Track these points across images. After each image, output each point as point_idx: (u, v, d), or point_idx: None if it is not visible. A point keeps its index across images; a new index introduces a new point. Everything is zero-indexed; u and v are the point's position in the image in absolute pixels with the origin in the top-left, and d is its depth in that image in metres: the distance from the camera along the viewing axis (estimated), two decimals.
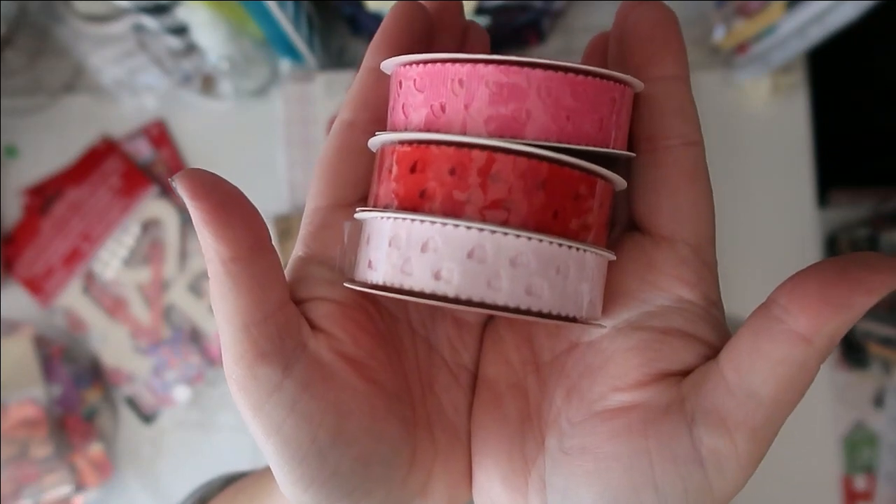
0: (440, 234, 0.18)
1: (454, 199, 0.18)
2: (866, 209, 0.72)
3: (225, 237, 0.20)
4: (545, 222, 0.18)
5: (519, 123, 0.18)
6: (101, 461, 0.64)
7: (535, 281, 0.18)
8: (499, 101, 0.18)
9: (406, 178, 0.19)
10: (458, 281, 0.18)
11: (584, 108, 0.18)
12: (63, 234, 0.67)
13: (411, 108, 0.20)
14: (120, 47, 0.67)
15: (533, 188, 0.18)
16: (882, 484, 0.70)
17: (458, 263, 0.18)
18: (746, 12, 0.61)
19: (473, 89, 0.18)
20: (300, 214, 0.61)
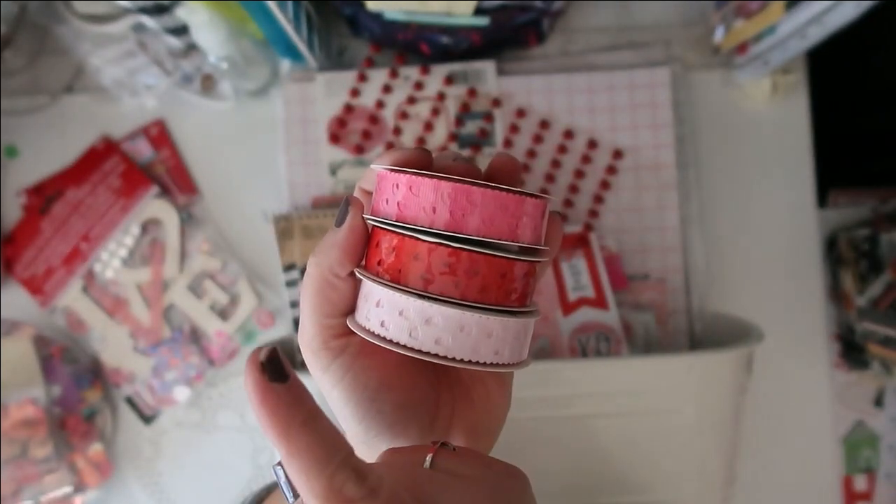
0: (400, 301, 0.26)
1: (419, 278, 0.26)
2: (866, 209, 0.72)
3: (347, 262, 0.28)
4: (474, 296, 0.26)
5: (462, 224, 0.26)
6: (101, 461, 0.64)
7: (441, 335, 0.26)
8: (459, 208, 0.26)
9: (392, 257, 0.27)
10: (421, 339, 0.26)
11: (504, 215, 0.26)
12: (63, 234, 0.67)
13: (395, 203, 0.27)
14: (120, 47, 0.67)
15: (471, 272, 0.26)
16: (882, 484, 0.70)
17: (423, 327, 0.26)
18: (746, 12, 0.61)
19: (445, 199, 0.26)
20: (300, 214, 0.61)
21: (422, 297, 0.25)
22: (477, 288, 0.26)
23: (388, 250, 0.27)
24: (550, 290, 0.62)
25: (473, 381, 0.31)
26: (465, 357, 0.26)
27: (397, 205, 0.26)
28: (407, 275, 0.26)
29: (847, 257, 0.68)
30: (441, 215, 0.25)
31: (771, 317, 0.59)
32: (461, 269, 0.26)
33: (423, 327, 0.26)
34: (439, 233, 0.26)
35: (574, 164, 0.66)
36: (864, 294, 0.65)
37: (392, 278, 0.26)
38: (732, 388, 0.53)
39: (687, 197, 0.66)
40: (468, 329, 0.26)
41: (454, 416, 0.30)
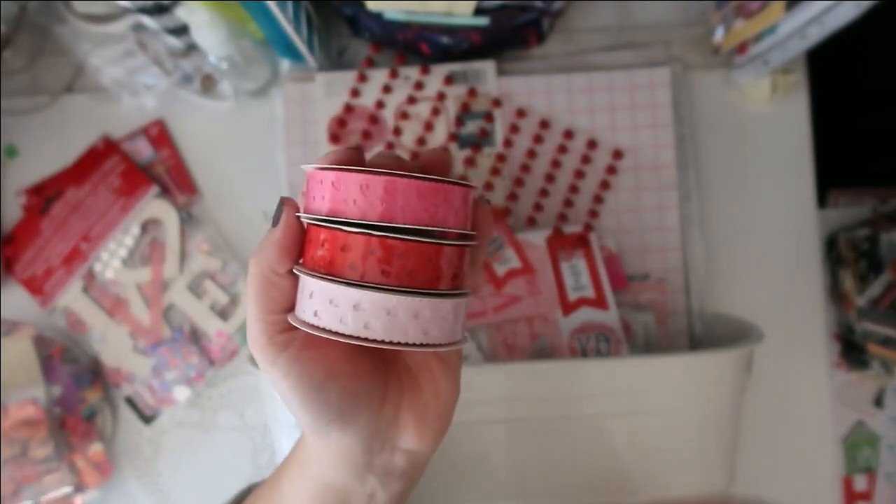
0: (332, 291, 0.27)
1: (348, 268, 0.27)
2: (866, 209, 0.72)
3: (285, 259, 0.29)
4: (402, 281, 0.27)
5: (386, 214, 0.27)
6: (101, 461, 0.64)
7: (370, 320, 0.27)
8: (379, 199, 0.27)
9: (323, 251, 0.28)
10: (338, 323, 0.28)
11: (427, 203, 0.27)
12: (63, 234, 0.67)
13: (323, 199, 0.28)
14: (120, 47, 0.67)
15: (396, 259, 0.27)
16: (882, 484, 0.70)
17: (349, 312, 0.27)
18: (746, 12, 0.61)
19: (370, 192, 0.27)
20: None
21: (348, 285, 0.27)
22: (404, 273, 0.27)
23: (319, 245, 0.28)
24: (550, 290, 0.62)
25: (420, 368, 0.33)
26: (394, 339, 0.27)
27: (324, 199, 0.28)
28: (338, 266, 0.27)
29: (847, 257, 0.68)
30: (364, 207, 0.27)
31: (771, 317, 0.59)
32: (387, 257, 0.27)
33: (353, 313, 0.27)
34: (363, 223, 0.27)
35: (574, 164, 0.66)
36: (864, 294, 0.65)
37: (325, 271, 0.28)
38: (732, 388, 0.53)
39: (687, 197, 0.66)
40: (394, 311, 0.27)
41: (402, 403, 0.32)
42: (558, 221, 0.66)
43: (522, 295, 0.62)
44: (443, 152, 0.32)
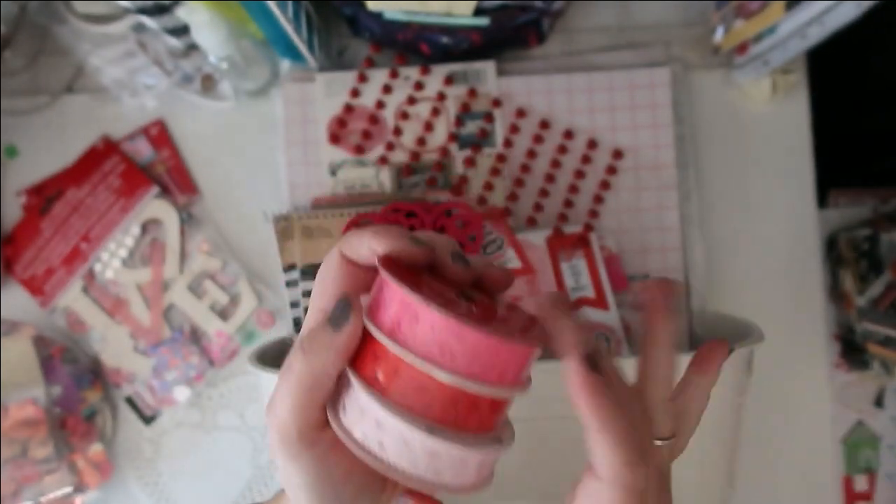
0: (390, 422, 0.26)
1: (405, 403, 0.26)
2: (866, 209, 0.72)
3: (341, 364, 0.28)
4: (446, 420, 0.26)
5: (452, 363, 0.26)
6: (101, 461, 0.64)
7: (388, 441, 0.26)
8: (440, 344, 0.26)
9: (381, 371, 0.27)
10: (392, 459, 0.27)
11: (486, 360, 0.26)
12: (63, 234, 0.67)
13: (388, 315, 0.27)
14: (120, 47, 0.67)
15: (449, 403, 0.26)
16: (882, 484, 0.70)
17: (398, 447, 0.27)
18: (746, 12, 0.61)
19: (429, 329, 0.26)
20: (300, 214, 0.61)
21: (401, 417, 0.26)
22: (452, 417, 0.26)
23: (376, 359, 0.27)
24: (551, 290, 0.62)
25: None
26: (433, 480, 0.27)
27: (389, 317, 0.27)
28: (391, 390, 0.26)
29: (847, 257, 0.68)
30: (428, 344, 0.26)
31: (771, 317, 0.59)
32: (442, 401, 0.26)
33: (396, 445, 0.26)
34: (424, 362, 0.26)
35: (574, 164, 0.66)
36: (864, 294, 0.65)
37: (378, 389, 0.27)
38: (732, 388, 0.53)
39: (687, 197, 0.66)
40: (437, 455, 0.26)
41: (397, 488, 0.32)
42: (558, 221, 0.66)
43: (523, 295, 0.62)
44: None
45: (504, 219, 0.64)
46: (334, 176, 0.65)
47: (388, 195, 0.65)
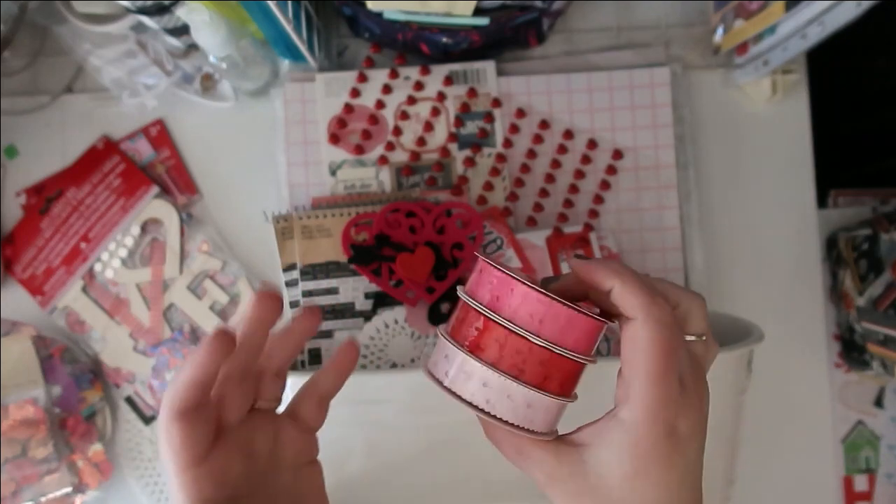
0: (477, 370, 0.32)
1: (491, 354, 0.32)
2: (866, 209, 0.72)
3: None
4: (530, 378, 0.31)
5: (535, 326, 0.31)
6: (101, 461, 0.64)
7: (493, 397, 0.31)
8: (531, 311, 0.31)
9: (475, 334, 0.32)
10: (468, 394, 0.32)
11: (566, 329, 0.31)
12: (63, 234, 0.67)
13: (487, 291, 0.32)
14: (120, 47, 0.67)
15: (534, 361, 0.31)
16: (882, 484, 0.70)
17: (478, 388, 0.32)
18: (746, 13, 0.61)
19: (521, 299, 0.31)
20: (300, 214, 0.61)
21: (492, 368, 0.31)
22: (536, 374, 0.31)
23: (472, 326, 0.32)
24: None
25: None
26: (508, 420, 0.32)
27: (495, 297, 0.32)
28: (485, 350, 0.32)
29: (847, 257, 0.68)
30: (519, 312, 0.31)
31: (771, 317, 0.59)
32: (527, 359, 0.31)
33: (481, 389, 0.32)
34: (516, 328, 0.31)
35: (574, 164, 0.66)
36: (864, 294, 0.65)
37: (470, 349, 0.32)
38: (732, 388, 0.53)
39: (687, 197, 0.66)
40: (513, 397, 0.32)
41: None
42: (558, 221, 0.66)
43: None
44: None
45: (504, 219, 0.64)
46: (334, 176, 0.65)
47: (388, 195, 0.65)
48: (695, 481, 0.32)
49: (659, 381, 0.29)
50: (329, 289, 0.61)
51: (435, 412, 0.51)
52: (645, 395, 0.29)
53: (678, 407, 0.30)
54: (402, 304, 0.60)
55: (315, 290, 0.61)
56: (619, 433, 0.30)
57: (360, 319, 0.61)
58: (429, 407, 0.51)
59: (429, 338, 0.60)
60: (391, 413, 0.51)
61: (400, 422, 0.51)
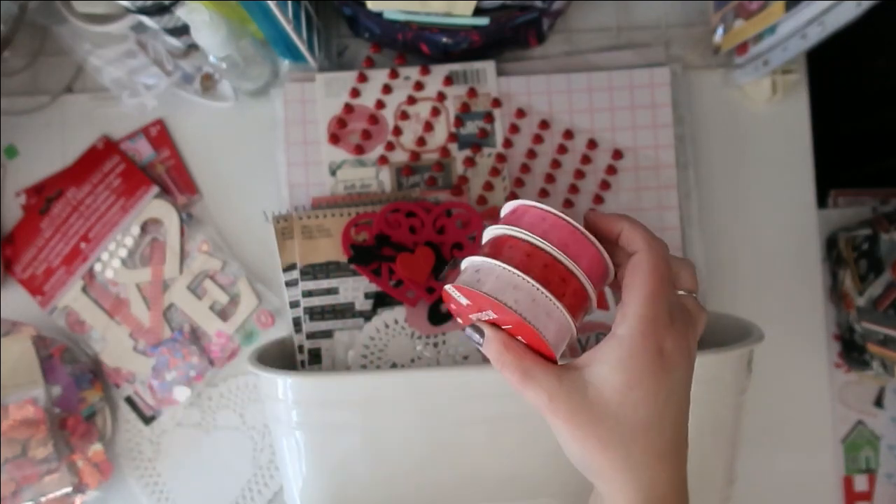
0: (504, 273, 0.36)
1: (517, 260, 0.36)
2: (866, 209, 0.72)
3: None
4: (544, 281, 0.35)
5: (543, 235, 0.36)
6: (101, 461, 0.64)
7: (519, 296, 0.35)
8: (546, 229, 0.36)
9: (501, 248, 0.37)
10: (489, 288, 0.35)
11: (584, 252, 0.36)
12: (63, 234, 0.67)
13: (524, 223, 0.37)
14: (120, 47, 0.67)
15: (542, 265, 0.35)
16: (882, 484, 0.70)
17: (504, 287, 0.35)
18: (746, 13, 0.61)
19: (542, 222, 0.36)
20: (300, 214, 0.61)
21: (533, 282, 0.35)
22: (557, 287, 0.35)
23: (511, 250, 0.36)
24: None
25: None
26: (522, 314, 0.35)
27: (517, 218, 0.37)
28: (519, 264, 0.35)
29: (847, 257, 0.68)
30: (540, 234, 0.36)
31: (771, 317, 0.59)
32: (555, 275, 0.35)
33: (512, 291, 0.35)
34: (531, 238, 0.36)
35: (574, 164, 0.66)
36: (864, 294, 0.65)
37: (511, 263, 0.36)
38: (732, 388, 0.53)
39: (687, 197, 0.66)
40: (531, 295, 0.35)
41: None
42: None
43: None
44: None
45: None
46: (334, 176, 0.65)
47: (388, 195, 0.65)
48: (679, 403, 0.35)
49: (653, 301, 0.34)
50: (329, 289, 0.61)
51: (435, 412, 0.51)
52: (639, 312, 0.34)
53: (667, 330, 0.34)
54: (402, 304, 0.60)
55: (315, 290, 0.61)
56: (615, 348, 0.34)
57: (360, 319, 0.61)
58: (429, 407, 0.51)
59: (429, 338, 0.60)
60: (391, 413, 0.51)
61: (400, 422, 0.51)
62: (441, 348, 0.60)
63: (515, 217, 0.37)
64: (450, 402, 0.51)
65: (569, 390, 0.34)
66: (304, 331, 0.61)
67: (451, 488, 0.53)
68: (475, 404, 0.50)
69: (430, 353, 0.60)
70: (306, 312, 0.61)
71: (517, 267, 0.35)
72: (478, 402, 0.50)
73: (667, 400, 0.34)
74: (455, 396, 0.51)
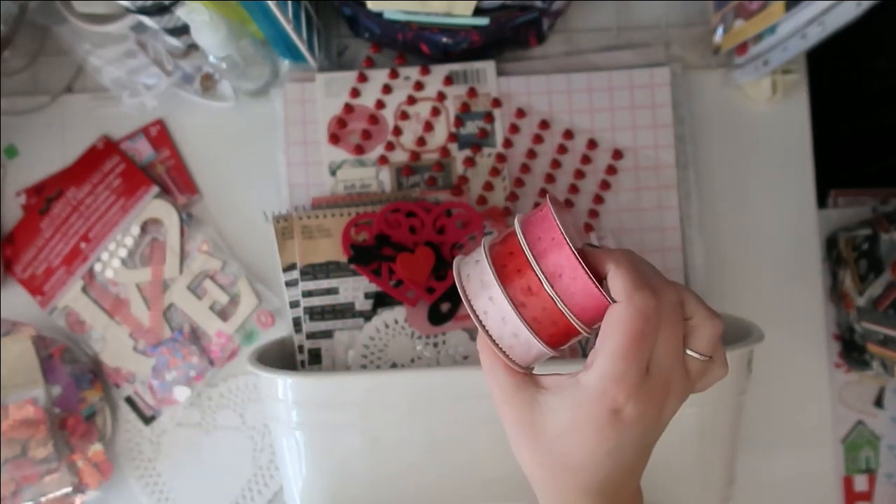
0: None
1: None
2: (866, 209, 0.72)
3: None
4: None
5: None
6: (101, 461, 0.64)
7: (492, 312, 0.35)
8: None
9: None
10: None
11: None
12: (63, 234, 0.67)
13: (537, 230, 0.35)
14: (120, 47, 0.67)
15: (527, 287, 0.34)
16: (882, 484, 0.70)
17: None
18: (746, 13, 0.61)
19: None
20: (300, 214, 0.61)
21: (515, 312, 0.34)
22: (536, 313, 0.34)
23: (532, 298, 0.34)
24: None
25: None
26: (505, 351, 0.35)
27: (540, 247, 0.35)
28: (514, 290, 0.34)
29: (847, 257, 0.68)
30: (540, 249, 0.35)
31: (771, 317, 0.59)
32: (537, 302, 0.34)
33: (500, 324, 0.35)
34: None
35: (574, 164, 0.66)
36: (864, 294, 0.65)
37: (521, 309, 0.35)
38: (732, 388, 0.53)
39: (687, 197, 0.66)
40: (519, 336, 0.34)
41: None
42: None
43: None
44: None
45: (504, 219, 0.64)
46: (334, 176, 0.65)
47: (388, 195, 0.65)
48: (623, 461, 0.33)
49: (619, 360, 0.31)
50: (329, 289, 0.61)
51: (435, 412, 0.51)
52: (602, 367, 0.32)
53: (631, 389, 0.32)
54: (402, 304, 0.60)
55: (315, 290, 0.61)
56: (572, 390, 0.33)
57: (360, 319, 0.61)
58: (429, 407, 0.51)
59: (429, 338, 0.60)
60: (391, 413, 0.51)
61: (400, 422, 0.51)
62: (441, 348, 0.60)
63: (536, 221, 0.35)
64: (450, 402, 0.51)
65: (520, 401, 0.35)
66: (304, 331, 0.61)
67: (451, 488, 0.53)
68: (475, 404, 0.50)
69: (430, 353, 0.60)
70: (306, 312, 0.61)
71: (500, 276, 0.34)
72: (478, 402, 0.50)
73: (609, 453, 0.33)
74: (455, 396, 0.51)
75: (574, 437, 0.33)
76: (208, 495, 0.67)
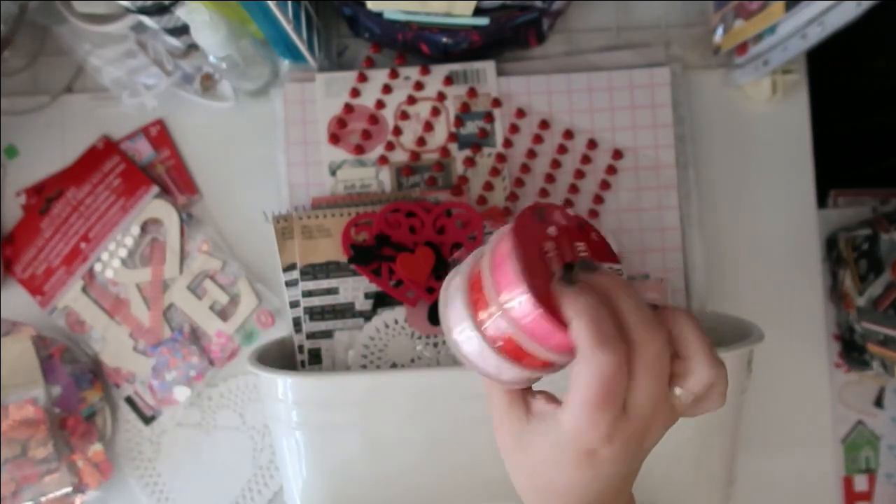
0: None
1: None
2: (866, 209, 0.72)
3: None
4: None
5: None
6: (101, 461, 0.64)
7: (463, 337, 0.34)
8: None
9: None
10: None
11: None
12: (63, 234, 0.67)
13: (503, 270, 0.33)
14: (120, 47, 0.67)
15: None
16: (882, 484, 0.70)
17: None
18: (746, 13, 0.61)
19: None
20: (300, 214, 0.61)
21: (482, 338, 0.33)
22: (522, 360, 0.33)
23: (486, 305, 0.34)
24: None
25: None
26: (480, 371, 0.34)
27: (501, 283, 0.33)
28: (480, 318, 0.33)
29: (847, 257, 0.68)
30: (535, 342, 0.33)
31: (771, 317, 0.59)
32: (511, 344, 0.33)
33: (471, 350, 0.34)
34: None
35: (574, 164, 0.66)
36: (864, 294, 0.65)
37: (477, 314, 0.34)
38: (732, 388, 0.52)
39: (687, 197, 0.66)
40: (491, 363, 0.34)
41: None
42: None
43: None
44: None
45: (504, 219, 0.64)
46: (334, 176, 0.65)
47: (388, 195, 0.65)
48: (609, 486, 0.33)
49: (586, 412, 0.30)
50: (329, 289, 0.61)
51: (435, 412, 0.51)
52: (573, 414, 0.31)
53: (605, 433, 0.31)
54: (402, 304, 0.60)
55: (315, 290, 0.61)
56: (552, 423, 0.33)
57: (360, 319, 0.61)
58: (429, 407, 0.51)
59: (429, 338, 0.60)
60: (391, 413, 0.51)
61: (400, 422, 0.51)
62: (441, 348, 0.60)
63: (500, 256, 0.33)
64: (450, 402, 0.51)
65: (514, 417, 0.35)
66: (304, 331, 0.61)
67: (451, 488, 0.53)
68: (475, 404, 0.50)
69: (430, 353, 0.60)
70: (306, 312, 0.61)
71: (474, 307, 0.33)
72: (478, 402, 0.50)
73: (591, 483, 0.33)
74: (455, 396, 0.51)
75: (556, 467, 0.33)
76: (208, 495, 0.67)
